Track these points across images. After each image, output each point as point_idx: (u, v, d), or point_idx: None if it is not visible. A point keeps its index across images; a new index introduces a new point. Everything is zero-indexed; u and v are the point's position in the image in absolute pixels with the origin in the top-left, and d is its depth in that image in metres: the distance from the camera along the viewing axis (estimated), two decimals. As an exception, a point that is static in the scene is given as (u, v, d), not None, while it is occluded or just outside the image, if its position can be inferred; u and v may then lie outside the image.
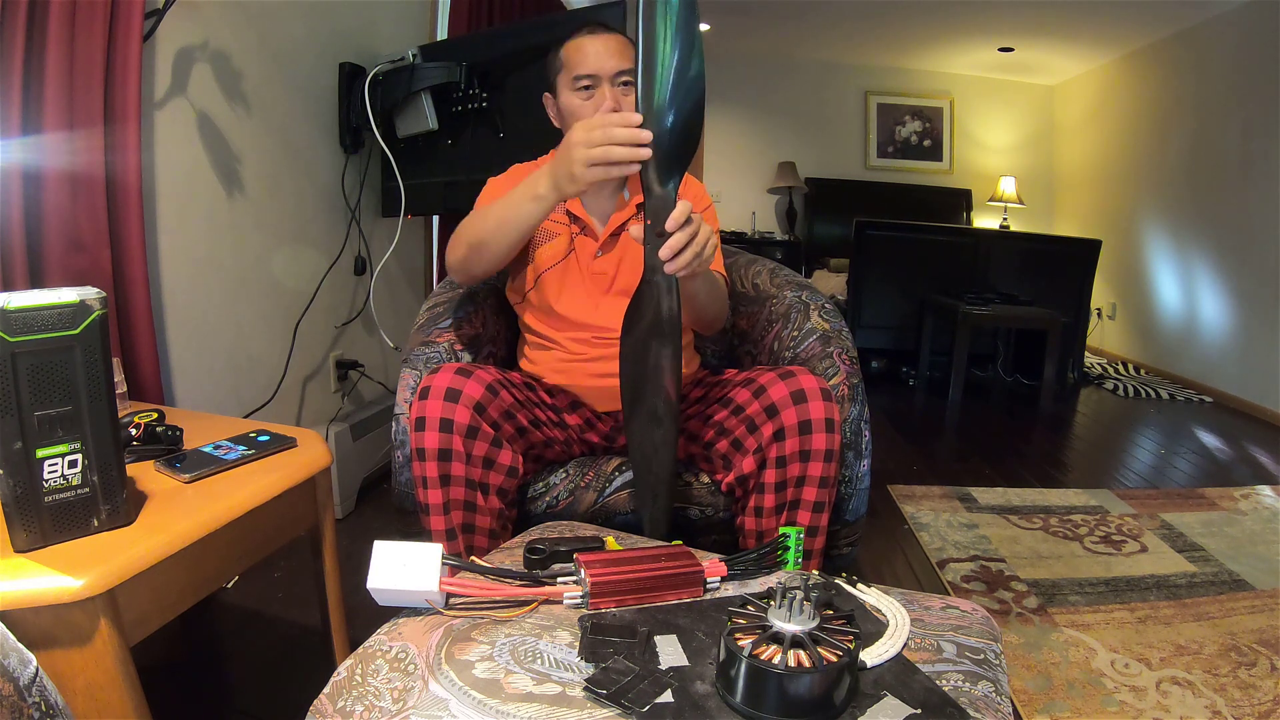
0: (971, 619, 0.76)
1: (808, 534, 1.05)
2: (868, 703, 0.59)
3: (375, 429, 2.07)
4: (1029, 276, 3.89)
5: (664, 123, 0.89)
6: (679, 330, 0.96)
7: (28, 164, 1.13)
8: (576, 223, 1.25)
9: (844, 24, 4.84)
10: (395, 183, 2.00)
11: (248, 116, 1.68)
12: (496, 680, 0.61)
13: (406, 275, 2.44)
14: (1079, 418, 3.50)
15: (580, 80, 1.16)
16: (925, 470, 2.55)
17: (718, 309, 1.22)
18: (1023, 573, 1.76)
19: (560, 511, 1.19)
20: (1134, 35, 4.47)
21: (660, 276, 0.93)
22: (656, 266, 0.92)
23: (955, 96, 5.86)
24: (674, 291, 0.94)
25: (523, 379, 1.18)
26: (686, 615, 0.71)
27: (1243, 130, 3.76)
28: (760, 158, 5.89)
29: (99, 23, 1.18)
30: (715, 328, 1.28)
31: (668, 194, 0.91)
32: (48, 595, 0.67)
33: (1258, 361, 3.58)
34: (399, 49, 2.02)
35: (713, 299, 1.17)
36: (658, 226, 0.90)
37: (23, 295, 0.69)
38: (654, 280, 0.94)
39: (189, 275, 1.55)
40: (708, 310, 1.18)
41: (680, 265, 0.90)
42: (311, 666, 1.24)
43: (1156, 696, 1.29)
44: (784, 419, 1.03)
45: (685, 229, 0.90)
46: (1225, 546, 1.93)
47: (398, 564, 0.70)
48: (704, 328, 1.26)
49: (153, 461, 0.92)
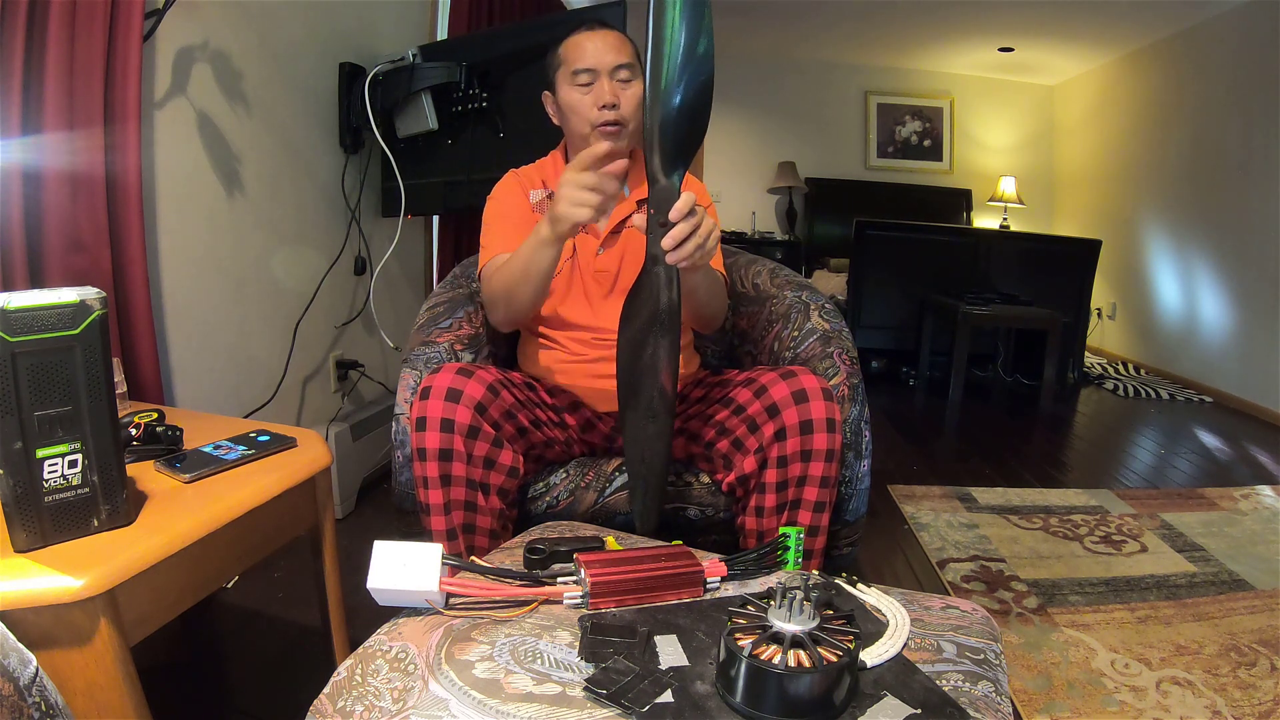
0: (971, 619, 0.76)
1: (808, 533, 1.05)
2: (868, 703, 0.59)
3: (375, 429, 2.07)
4: (1029, 276, 3.89)
5: (671, 102, 0.89)
6: (678, 323, 0.95)
7: (28, 164, 1.13)
8: None
9: (844, 24, 4.84)
10: (395, 183, 2.00)
11: (248, 116, 1.68)
12: (496, 680, 0.61)
13: (406, 275, 2.44)
14: (1079, 418, 3.49)
15: (579, 74, 1.17)
16: (925, 470, 2.55)
17: (717, 306, 1.22)
18: (1023, 573, 1.76)
19: (560, 511, 1.19)
20: (1134, 35, 4.47)
21: (661, 267, 0.93)
22: (658, 257, 0.92)
23: (955, 96, 5.86)
24: (674, 284, 0.94)
25: (523, 379, 1.18)
26: (686, 615, 0.71)
27: (1243, 130, 3.75)
28: (760, 158, 5.88)
29: (99, 23, 1.18)
30: (714, 326, 1.28)
31: (672, 184, 0.91)
32: (48, 595, 0.67)
33: (1258, 361, 3.57)
34: (399, 49, 2.02)
35: (712, 295, 1.18)
36: (661, 216, 0.90)
37: (23, 295, 0.69)
38: (654, 271, 0.94)
39: (189, 275, 1.55)
40: (707, 307, 1.18)
41: (683, 255, 0.90)
42: (311, 666, 1.24)
43: (1156, 696, 1.29)
44: (785, 418, 1.03)
45: (689, 219, 0.90)
46: (1225, 546, 1.93)
47: (398, 564, 0.70)
48: (703, 325, 1.26)
49: (153, 461, 0.92)
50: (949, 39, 5.01)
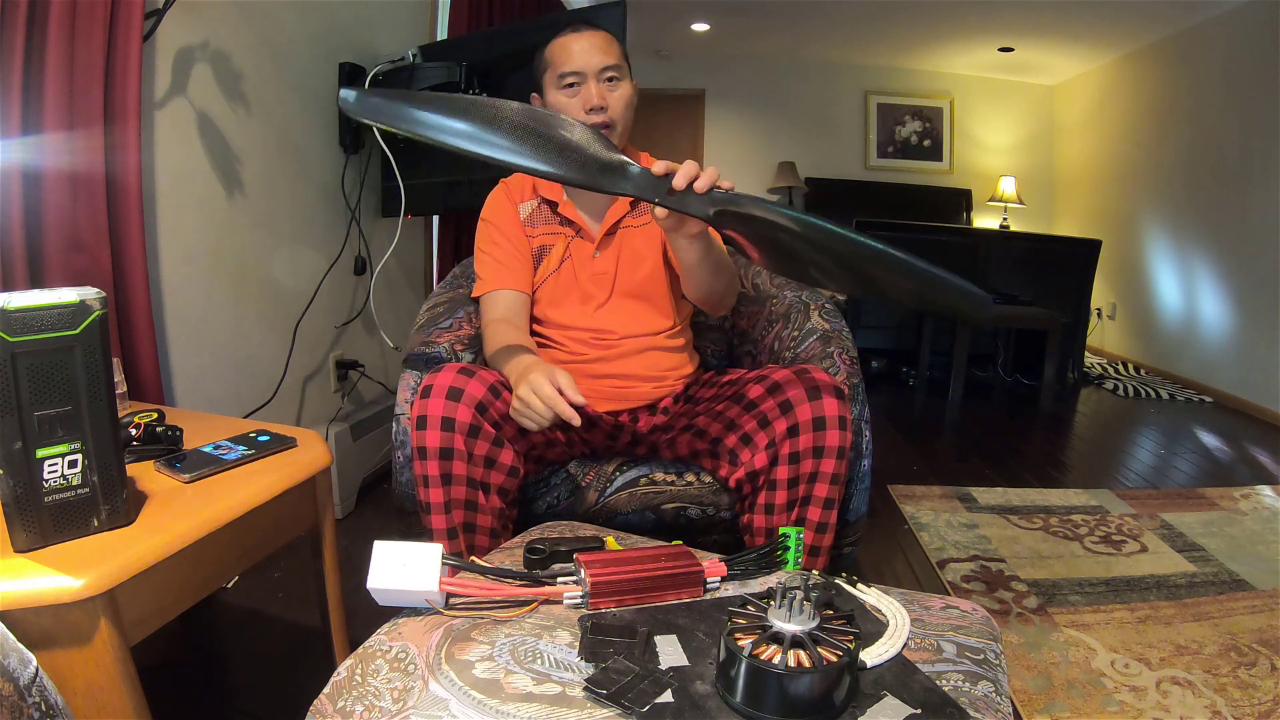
0: (971, 619, 0.76)
1: (817, 530, 1.05)
2: (868, 703, 0.59)
3: (375, 429, 2.07)
4: (1029, 276, 3.89)
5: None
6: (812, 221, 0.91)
7: (28, 164, 1.12)
8: (570, 226, 1.25)
9: (844, 24, 4.84)
10: (395, 183, 2.00)
11: (248, 116, 1.68)
12: (496, 680, 0.61)
13: (406, 275, 2.44)
14: (1079, 418, 3.50)
15: (566, 78, 1.16)
16: (925, 470, 2.55)
17: (726, 281, 1.19)
18: (1023, 573, 1.76)
19: (560, 511, 1.19)
20: (1134, 35, 4.47)
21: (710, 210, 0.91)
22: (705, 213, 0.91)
23: (955, 96, 5.86)
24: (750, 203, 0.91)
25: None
26: (686, 615, 0.71)
27: (1242, 130, 3.75)
28: (760, 158, 5.89)
29: (99, 23, 1.18)
30: (725, 305, 1.26)
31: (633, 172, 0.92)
32: (48, 595, 0.67)
33: (1258, 361, 3.57)
34: (399, 49, 2.02)
35: (720, 266, 1.15)
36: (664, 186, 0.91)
37: (23, 295, 0.69)
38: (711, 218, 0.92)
39: (189, 275, 1.55)
40: (717, 278, 1.16)
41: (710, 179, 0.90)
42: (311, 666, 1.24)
43: (1156, 696, 1.29)
44: (798, 414, 1.02)
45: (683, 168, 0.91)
46: (1225, 546, 1.93)
47: (398, 564, 0.70)
48: (713, 303, 1.23)
49: (153, 461, 0.92)
50: (949, 39, 5.01)
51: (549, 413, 0.94)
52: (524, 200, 1.28)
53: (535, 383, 0.94)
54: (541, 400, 0.94)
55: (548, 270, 1.25)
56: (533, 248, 1.27)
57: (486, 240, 1.27)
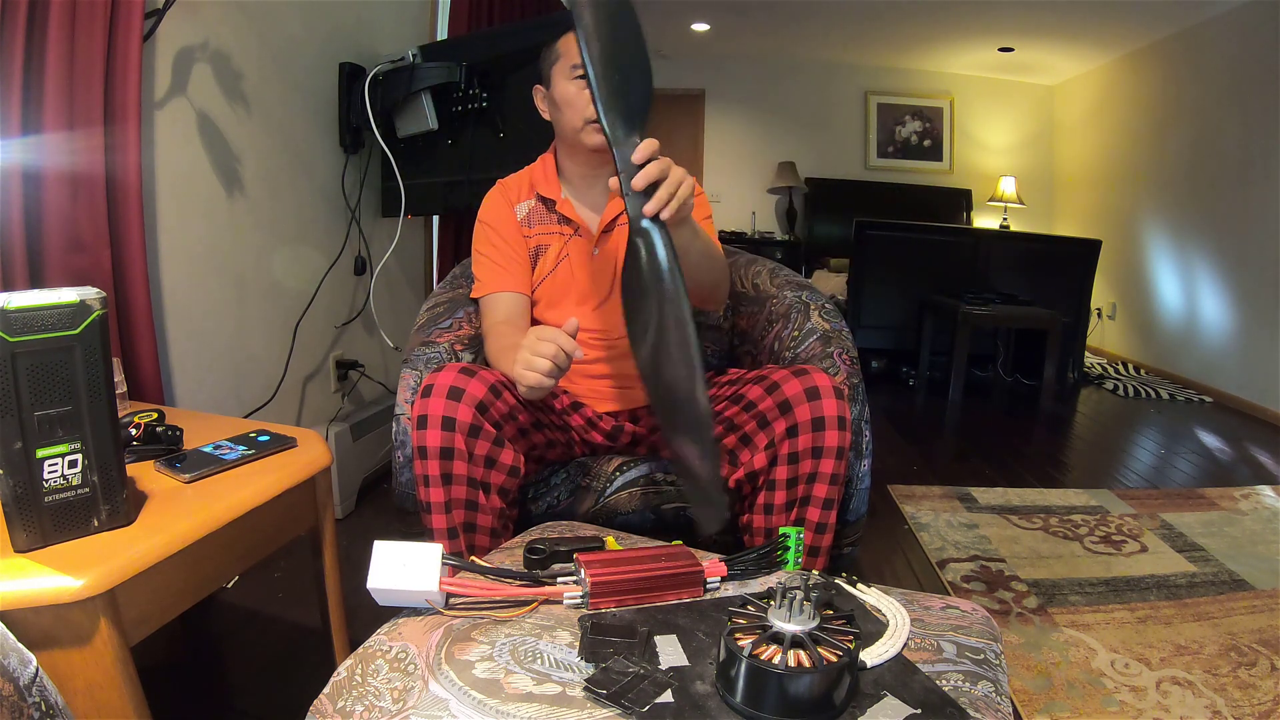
0: (971, 619, 0.76)
1: (816, 530, 1.05)
2: (868, 703, 0.59)
3: (375, 429, 2.07)
4: (1029, 276, 3.89)
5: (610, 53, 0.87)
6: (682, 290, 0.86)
7: (28, 164, 1.13)
8: (569, 224, 1.25)
9: (844, 24, 4.84)
10: (395, 183, 2.00)
11: (248, 116, 1.68)
12: (496, 680, 0.61)
13: (406, 275, 2.44)
14: (1079, 418, 3.50)
15: (577, 68, 1.16)
16: (925, 470, 2.55)
17: (716, 274, 1.18)
18: (1023, 573, 1.76)
19: (561, 511, 1.19)
20: (1134, 35, 4.47)
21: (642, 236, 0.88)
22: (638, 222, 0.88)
23: (955, 96, 5.86)
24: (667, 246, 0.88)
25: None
26: (686, 615, 0.71)
27: (1243, 130, 3.75)
28: (760, 158, 5.89)
29: (99, 23, 1.18)
30: (716, 299, 1.24)
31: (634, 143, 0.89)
32: (48, 595, 0.67)
33: (1258, 361, 3.58)
34: (399, 49, 2.02)
35: (707, 259, 1.13)
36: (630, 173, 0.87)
37: (23, 295, 0.69)
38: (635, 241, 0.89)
39: (189, 275, 1.55)
40: (705, 272, 1.13)
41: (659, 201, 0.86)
42: (311, 666, 1.24)
43: (1156, 696, 1.29)
44: (798, 415, 1.02)
45: (658, 161, 0.87)
46: (1225, 546, 1.93)
47: (398, 564, 0.70)
48: (704, 298, 1.21)
49: (153, 461, 0.92)
50: (949, 39, 5.01)
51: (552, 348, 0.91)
52: (521, 200, 1.28)
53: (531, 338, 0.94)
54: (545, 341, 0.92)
55: (544, 271, 1.25)
56: (529, 248, 1.26)
57: (484, 242, 1.27)
